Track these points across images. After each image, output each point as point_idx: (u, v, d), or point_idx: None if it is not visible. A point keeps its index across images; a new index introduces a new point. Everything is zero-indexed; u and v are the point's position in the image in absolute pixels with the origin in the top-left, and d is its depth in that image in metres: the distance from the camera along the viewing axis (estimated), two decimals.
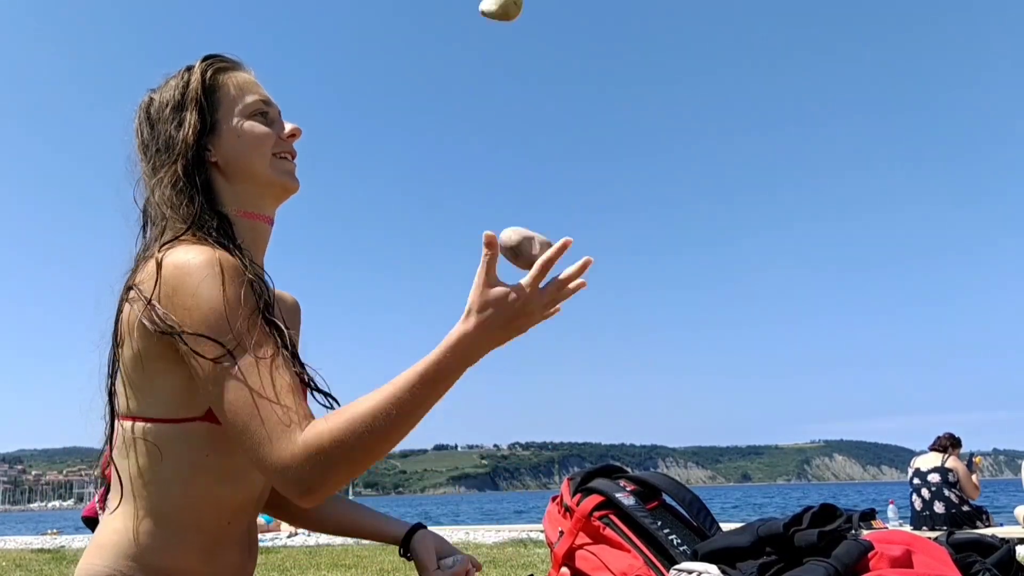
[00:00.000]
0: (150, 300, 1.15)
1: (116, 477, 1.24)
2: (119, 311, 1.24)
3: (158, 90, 1.36)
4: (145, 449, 1.20)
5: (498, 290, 1.11)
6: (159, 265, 1.16)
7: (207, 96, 1.33)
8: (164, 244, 1.22)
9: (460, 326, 1.11)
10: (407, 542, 1.50)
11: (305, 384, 1.23)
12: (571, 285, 1.16)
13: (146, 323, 1.15)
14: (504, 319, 1.11)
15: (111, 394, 1.26)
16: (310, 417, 1.10)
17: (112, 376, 1.25)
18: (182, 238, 1.23)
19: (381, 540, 1.54)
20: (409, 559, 1.50)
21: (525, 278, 1.12)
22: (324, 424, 1.07)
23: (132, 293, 1.20)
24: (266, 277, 1.26)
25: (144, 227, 1.34)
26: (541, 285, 1.13)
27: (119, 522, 1.21)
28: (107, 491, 1.30)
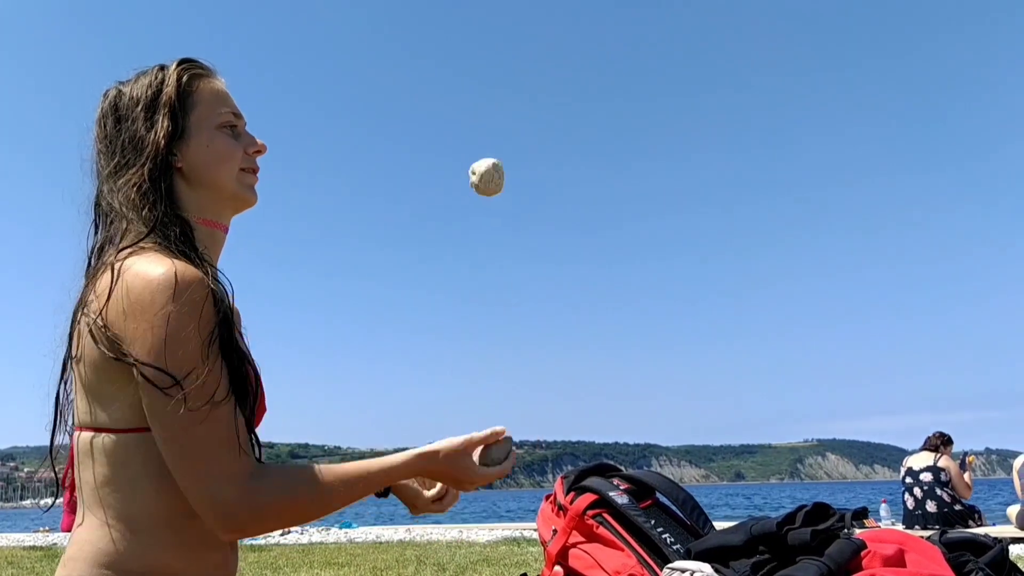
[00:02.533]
0: (104, 322, 1.16)
1: (81, 488, 1.23)
2: (74, 323, 1.23)
3: (128, 84, 1.35)
4: (110, 459, 1.19)
5: (480, 471, 1.32)
6: (115, 278, 1.16)
7: (181, 101, 1.32)
8: (123, 249, 1.21)
9: (426, 461, 1.30)
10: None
11: (248, 415, 1.23)
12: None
13: (99, 345, 1.16)
14: (453, 479, 1.33)
15: (58, 403, 1.26)
16: (248, 461, 1.17)
17: (64, 387, 1.26)
18: (142, 244, 1.22)
19: None
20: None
21: (486, 471, 1.33)
22: (270, 481, 1.17)
23: (88, 308, 1.19)
24: (226, 286, 1.25)
25: (96, 221, 1.33)
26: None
27: (88, 532, 1.20)
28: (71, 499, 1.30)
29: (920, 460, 8.05)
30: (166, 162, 1.29)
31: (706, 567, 1.27)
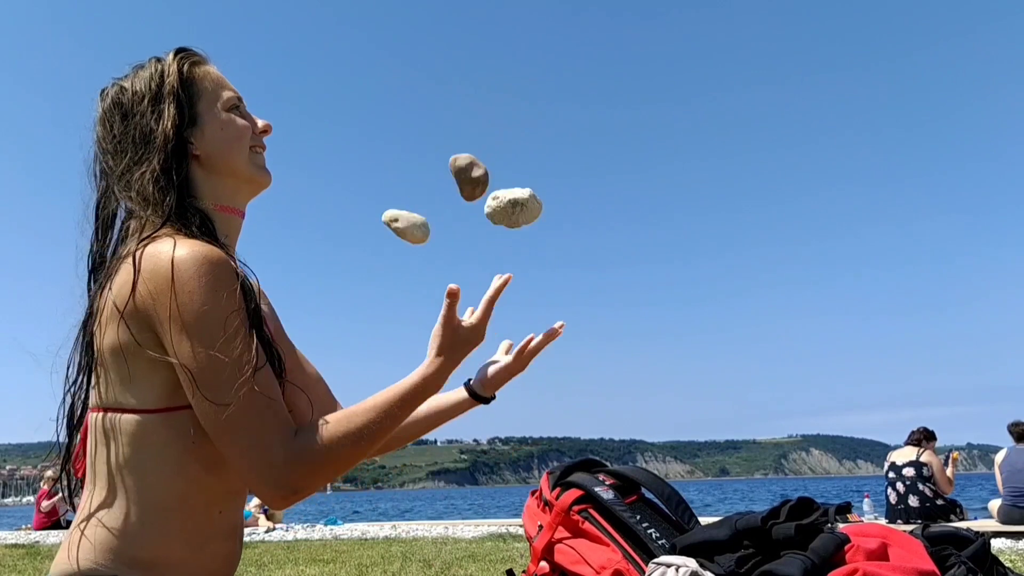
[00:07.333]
0: (134, 307, 1.15)
1: (93, 471, 1.21)
2: (93, 305, 1.23)
3: (127, 79, 1.34)
4: (129, 440, 1.18)
5: (463, 332, 1.31)
6: (137, 266, 1.15)
7: (185, 88, 1.32)
8: (143, 240, 1.20)
9: (435, 362, 1.28)
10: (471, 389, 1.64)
11: (280, 380, 1.24)
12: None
13: (128, 325, 1.16)
14: (465, 353, 1.32)
15: (77, 387, 1.25)
16: (291, 423, 1.17)
17: (87, 369, 1.24)
18: (161, 232, 1.21)
19: (451, 412, 1.64)
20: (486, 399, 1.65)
21: (477, 316, 1.34)
22: (317, 433, 1.16)
23: (111, 289, 1.19)
24: (249, 274, 1.26)
25: (103, 222, 1.32)
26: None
27: (100, 516, 1.18)
28: (67, 489, 1.28)
29: (903, 455, 8.12)
30: (181, 151, 1.29)
31: (691, 562, 1.28)
